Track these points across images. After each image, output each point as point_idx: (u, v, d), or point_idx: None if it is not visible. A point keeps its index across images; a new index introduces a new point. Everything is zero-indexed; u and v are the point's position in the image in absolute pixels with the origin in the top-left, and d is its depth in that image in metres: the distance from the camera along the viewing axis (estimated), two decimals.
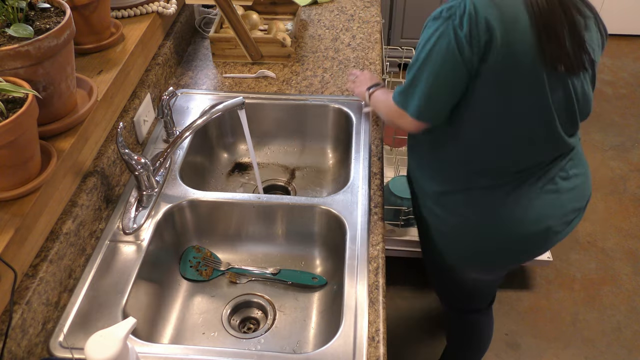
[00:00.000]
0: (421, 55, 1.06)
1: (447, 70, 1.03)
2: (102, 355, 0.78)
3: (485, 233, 1.21)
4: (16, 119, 0.86)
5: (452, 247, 1.29)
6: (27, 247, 0.94)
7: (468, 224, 1.21)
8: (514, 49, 0.99)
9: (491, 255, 1.27)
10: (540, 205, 1.17)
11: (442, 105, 1.10)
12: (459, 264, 1.32)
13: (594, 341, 2.03)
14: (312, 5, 1.96)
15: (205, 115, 1.21)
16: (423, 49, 1.05)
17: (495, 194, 1.17)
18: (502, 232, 1.20)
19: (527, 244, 1.22)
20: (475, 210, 1.19)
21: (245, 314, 1.24)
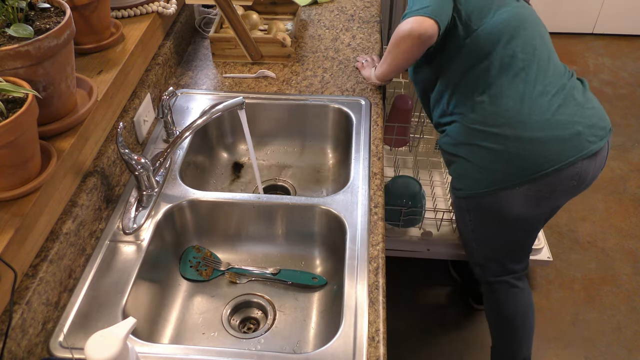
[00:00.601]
0: None
1: None
2: (102, 355, 0.78)
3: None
4: (16, 119, 0.86)
5: (497, 167, 1.36)
6: (27, 247, 0.94)
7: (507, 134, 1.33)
8: None
9: (532, 164, 1.33)
10: (566, 113, 1.32)
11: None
12: (507, 182, 1.36)
13: (594, 341, 2.03)
14: (312, 5, 1.96)
15: (205, 115, 1.21)
16: None
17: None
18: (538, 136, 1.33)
19: (562, 146, 1.31)
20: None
21: (245, 314, 1.24)
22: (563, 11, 3.53)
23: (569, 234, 2.42)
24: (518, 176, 1.34)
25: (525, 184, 1.34)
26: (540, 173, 1.32)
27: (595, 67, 3.40)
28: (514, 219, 1.43)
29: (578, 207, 2.53)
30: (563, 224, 2.45)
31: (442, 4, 1.27)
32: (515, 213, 1.41)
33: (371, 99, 1.52)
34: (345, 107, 1.50)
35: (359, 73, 1.61)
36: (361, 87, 1.57)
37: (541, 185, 1.35)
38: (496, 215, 1.44)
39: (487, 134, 1.35)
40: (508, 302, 1.64)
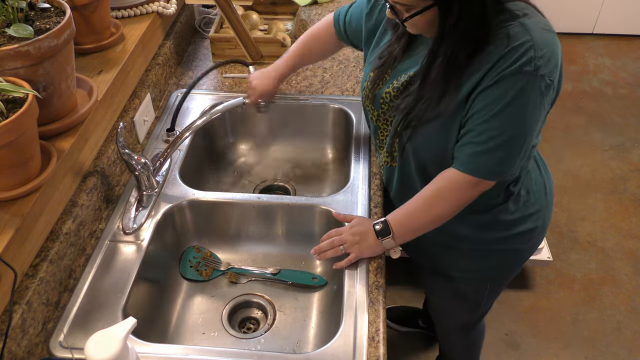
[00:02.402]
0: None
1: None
2: (102, 355, 0.78)
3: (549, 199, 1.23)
4: (16, 119, 0.86)
5: (531, 239, 1.22)
6: (27, 247, 0.94)
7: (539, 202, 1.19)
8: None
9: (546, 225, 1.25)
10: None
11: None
12: (533, 248, 1.26)
13: (594, 341, 2.03)
14: (312, 5, 1.96)
15: (205, 115, 1.21)
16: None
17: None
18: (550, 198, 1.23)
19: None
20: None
21: (245, 314, 1.24)
22: (563, 11, 3.53)
23: (569, 234, 2.41)
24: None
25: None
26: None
27: (595, 67, 3.40)
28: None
29: (578, 207, 2.53)
30: (563, 224, 2.45)
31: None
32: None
33: None
34: (345, 107, 1.50)
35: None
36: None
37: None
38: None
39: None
40: (479, 336, 1.63)
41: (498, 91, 0.92)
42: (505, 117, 0.93)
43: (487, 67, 0.92)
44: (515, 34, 0.91)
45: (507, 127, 0.94)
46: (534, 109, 0.94)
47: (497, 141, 0.95)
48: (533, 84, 0.91)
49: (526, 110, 0.93)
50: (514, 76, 0.90)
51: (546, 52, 0.91)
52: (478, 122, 0.95)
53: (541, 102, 0.94)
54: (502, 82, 0.91)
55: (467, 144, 0.98)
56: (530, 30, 0.91)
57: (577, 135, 2.94)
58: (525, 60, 0.89)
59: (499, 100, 0.92)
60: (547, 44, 0.92)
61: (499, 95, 0.92)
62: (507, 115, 0.93)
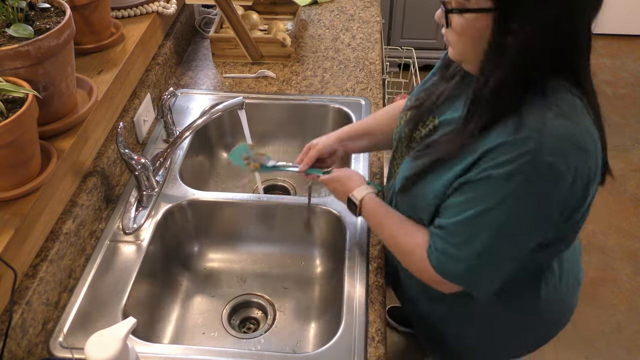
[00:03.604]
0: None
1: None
2: (102, 355, 0.78)
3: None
4: (16, 119, 0.86)
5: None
6: (27, 247, 0.94)
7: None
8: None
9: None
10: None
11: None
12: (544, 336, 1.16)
13: (593, 341, 2.03)
14: (312, 5, 1.96)
15: (205, 115, 1.21)
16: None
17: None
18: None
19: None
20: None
21: (245, 314, 1.24)
22: None
23: None
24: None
25: None
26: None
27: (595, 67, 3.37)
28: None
29: None
30: None
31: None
32: None
33: (371, 99, 1.52)
34: (345, 107, 1.50)
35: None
36: (361, 87, 1.57)
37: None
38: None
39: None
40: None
41: (480, 191, 0.81)
42: (482, 221, 0.82)
43: (483, 150, 0.79)
44: (526, 126, 0.76)
45: (484, 235, 0.82)
46: (519, 221, 0.81)
47: (472, 248, 0.84)
48: (519, 195, 0.78)
49: (507, 219, 0.81)
50: (499, 180, 0.78)
51: (550, 164, 0.76)
52: (453, 219, 0.84)
53: (531, 217, 0.81)
54: (486, 183, 0.80)
55: (441, 238, 0.87)
56: (546, 131, 0.75)
57: None
58: (517, 166, 0.76)
59: (479, 200, 0.81)
60: (558, 156, 0.75)
61: (480, 195, 0.81)
62: (485, 220, 0.82)
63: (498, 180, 0.78)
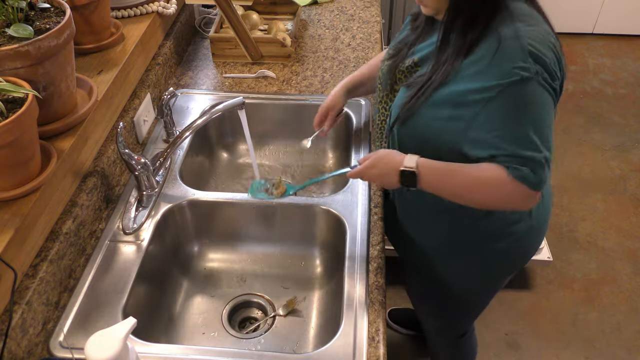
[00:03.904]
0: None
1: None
2: (102, 355, 0.78)
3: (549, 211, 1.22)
4: (16, 119, 0.86)
5: (529, 244, 1.22)
6: (27, 247, 0.94)
7: (544, 208, 1.17)
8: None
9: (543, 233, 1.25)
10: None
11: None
12: (522, 261, 1.28)
13: (594, 341, 2.03)
14: (312, 5, 1.96)
15: (205, 115, 1.21)
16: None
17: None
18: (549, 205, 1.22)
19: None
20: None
21: (245, 314, 1.24)
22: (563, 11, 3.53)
23: (569, 234, 2.41)
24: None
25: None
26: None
27: (595, 67, 3.40)
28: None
29: (578, 207, 2.53)
30: (563, 224, 2.45)
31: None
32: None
33: (371, 99, 1.52)
34: (345, 107, 1.49)
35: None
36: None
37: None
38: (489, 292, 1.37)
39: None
40: (471, 346, 1.63)
41: (506, 102, 0.92)
42: (527, 123, 0.93)
43: (480, 69, 0.93)
44: (506, 36, 0.92)
45: (523, 132, 0.93)
46: (539, 109, 0.94)
47: (527, 150, 0.93)
48: (532, 89, 0.91)
49: (541, 110, 0.94)
50: (512, 86, 0.91)
51: (541, 48, 0.92)
52: (498, 139, 0.94)
53: (544, 98, 0.94)
54: (500, 95, 0.92)
55: (512, 159, 0.94)
56: (520, 33, 0.92)
57: (577, 135, 2.94)
58: (519, 68, 0.90)
59: (515, 111, 0.92)
60: (539, 40, 0.93)
61: (511, 105, 0.92)
62: (529, 121, 0.93)
63: (506, 89, 0.90)
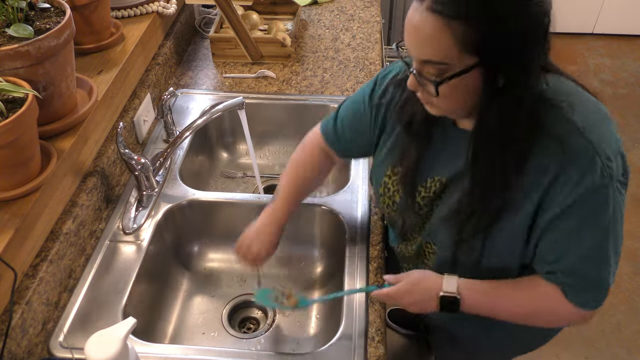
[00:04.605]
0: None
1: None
2: (102, 355, 0.78)
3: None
4: (16, 119, 0.86)
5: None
6: (27, 247, 0.94)
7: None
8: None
9: None
10: None
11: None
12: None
13: (594, 341, 2.03)
14: (312, 5, 1.96)
15: (205, 115, 1.21)
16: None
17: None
18: None
19: None
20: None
21: (245, 314, 1.24)
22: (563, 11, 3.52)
23: None
24: None
25: None
26: None
27: (595, 67, 3.40)
28: None
29: None
30: None
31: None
32: None
33: None
34: None
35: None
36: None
37: None
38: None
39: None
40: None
41: (576, 217, 0.79)
42: (595, 241, 0.81)
43: (546, 181, 0.78)
44: (567, 137, 0.76)
45: (602, 249, 0.83)
46: (618, 217, 0.83)
47: (599, 271, 0.84)
48: (611, 196, 0.78)
49: (616, 224, 0.83)
50: (589, 196, 0.77)
51: (609, 147, 0.77)
52: (571, 257, 0.82)
53: (621, 203, 0.82)
54: (577, 207, 0.78)
55: (571, 278, 0.84)
56: (585, 131, 0.76)
57: None
58: (597, 174, 0.75)
59: (583, 226, 0.80)
60: (605, 135, 0.78)
61: (579, 220, 0.79)
62: (597, 238, 0.81)
63: (583, 199, 0.77)
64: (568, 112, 0.77)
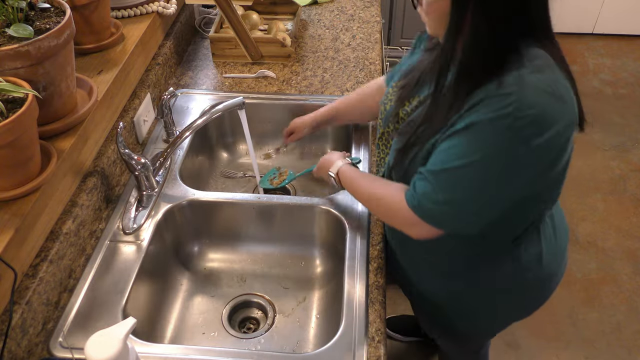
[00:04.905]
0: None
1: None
2: (102, 355, 0.78)
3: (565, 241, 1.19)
4: (16, 119, 0.86)
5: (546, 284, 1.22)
6: (27, 247, 0.94)
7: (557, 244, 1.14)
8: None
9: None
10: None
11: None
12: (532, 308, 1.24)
13: (594, 341, 2.03)
14: (312, 5, 1.96)
15: (205, 115, 1.21)
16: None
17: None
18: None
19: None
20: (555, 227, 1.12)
21: (245, 314, 1.24)
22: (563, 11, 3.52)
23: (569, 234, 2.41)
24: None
25: None
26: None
27: (595, 67, 3.40)
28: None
29: (578, 207, 2.53)
30: None
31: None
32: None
33: None
34: None
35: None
36: (361, 87, 1.56)
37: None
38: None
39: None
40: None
41: (464, 139, 0.84)
42: (466, 173, 0.85)
43: (466, 107, 0.84)
44: (507, 82, 0.81)
45: (467, 185, 0.86)
46: (502, 171, 0.84)
47: (454, 197, 0.88)
48: (504, 142, 0.81)
49: (492, 170, 0.84)
50: (483, 126, 0.82)
51: (532, 114, 0.79)
52: (439, 166, 0.88)
53: (514, 166, 0.83)
54: (471, 131, 0.83)
55: (424, 180, 0.90)
56: (524, 85, 0.80)
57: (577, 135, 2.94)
58: (502, 114, 0.80)
59: (464, 151, 0.84)
60: (537, 106, 0.80)
61: (464, 144, 0.84)
62: (469, 171, 0.85)
63: (482, 129, 0.82)
64: (526, 72, 0.82)
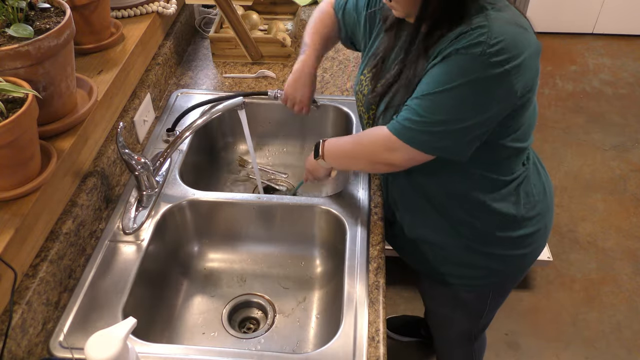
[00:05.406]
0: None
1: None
2: (102, 355, 0.78)
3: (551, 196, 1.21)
4: (16, 119, 0.86)
5: (536, 237, 1.20)
6: (27, 247, 0.94)
7: (545, 198, 1.17)
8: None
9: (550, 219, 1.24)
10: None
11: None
12: (536, 254, 1.24)
13: (594, 341, 2.03)
14: (312, 5, 1.96)
15: (205, 115, 1.21)
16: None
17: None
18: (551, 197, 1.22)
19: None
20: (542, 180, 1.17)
21: (245, 314, 1.24)
22: (563, 11, 3.53)
23: (569, 234, 2.41)
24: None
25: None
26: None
27: (595, 67, 3.40)
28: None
29: (578, 207, 2.53)
30: (563, 224, 2.45)
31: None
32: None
33: None
34: (345, 107, 1.50)
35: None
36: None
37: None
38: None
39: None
40: (482, 347, 1.64)
41: (442, 69, 0.91)
42: (444, 97, 0.91)
43: (441, 47, 0.92)
44: (475, 21, 0.89)
45: (445, 109, 0.93)
46: (479, 95, 0.91)
47: (433, 118, 0.93)
48: (478, 68, 0.88)
49: (468, 93, 0.91)
50: (459, 56, 0.89)
51: (502, 41, 0.87)
52: (419, 94, 0.94)
53: (489, 89, 0.90)
54: (447, 61, 0.90)
55: (405, 109, 0.97)
56: (491, 19, 0.89)
57: (577, 135, 2.94)
58: (474, 43, 0.87)
59: (442, 79, 0.91)
60: (506, 34, 0.88)
61: (442, 73, 0.91)
62: (447, 96, 0.91)
63: (458, 58, 0.89)
64: (490, 12, 0.91)
